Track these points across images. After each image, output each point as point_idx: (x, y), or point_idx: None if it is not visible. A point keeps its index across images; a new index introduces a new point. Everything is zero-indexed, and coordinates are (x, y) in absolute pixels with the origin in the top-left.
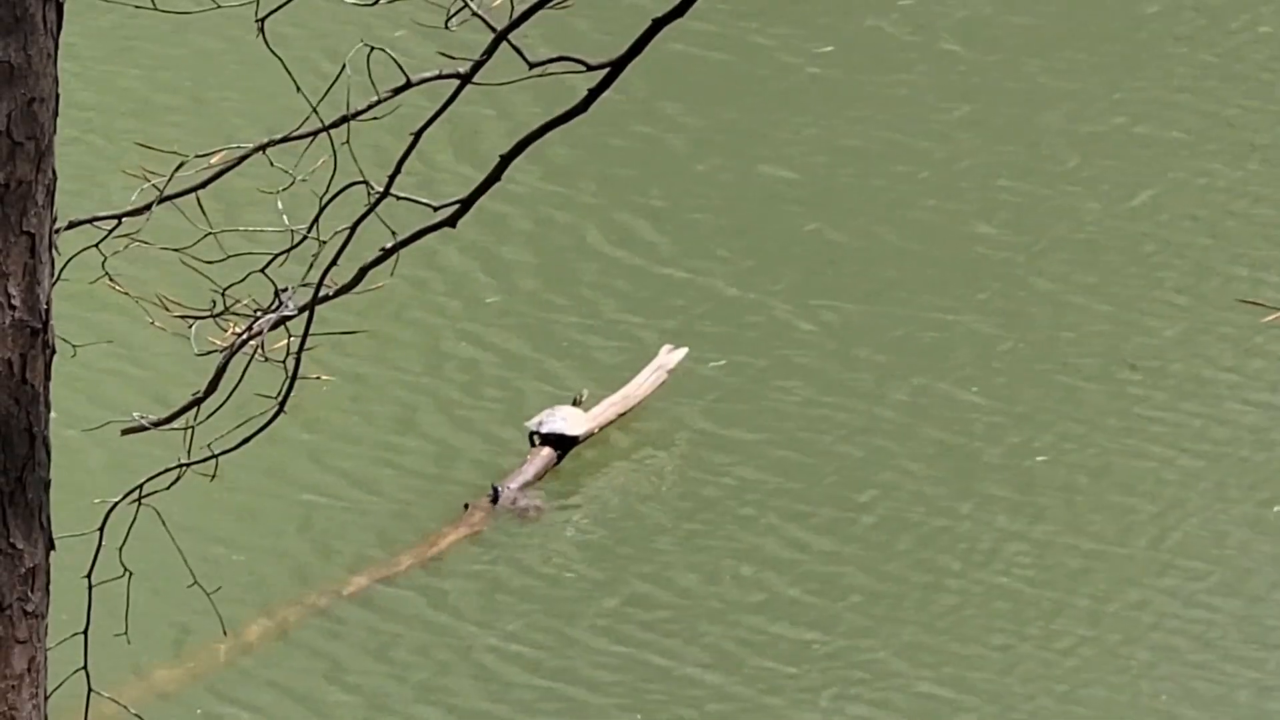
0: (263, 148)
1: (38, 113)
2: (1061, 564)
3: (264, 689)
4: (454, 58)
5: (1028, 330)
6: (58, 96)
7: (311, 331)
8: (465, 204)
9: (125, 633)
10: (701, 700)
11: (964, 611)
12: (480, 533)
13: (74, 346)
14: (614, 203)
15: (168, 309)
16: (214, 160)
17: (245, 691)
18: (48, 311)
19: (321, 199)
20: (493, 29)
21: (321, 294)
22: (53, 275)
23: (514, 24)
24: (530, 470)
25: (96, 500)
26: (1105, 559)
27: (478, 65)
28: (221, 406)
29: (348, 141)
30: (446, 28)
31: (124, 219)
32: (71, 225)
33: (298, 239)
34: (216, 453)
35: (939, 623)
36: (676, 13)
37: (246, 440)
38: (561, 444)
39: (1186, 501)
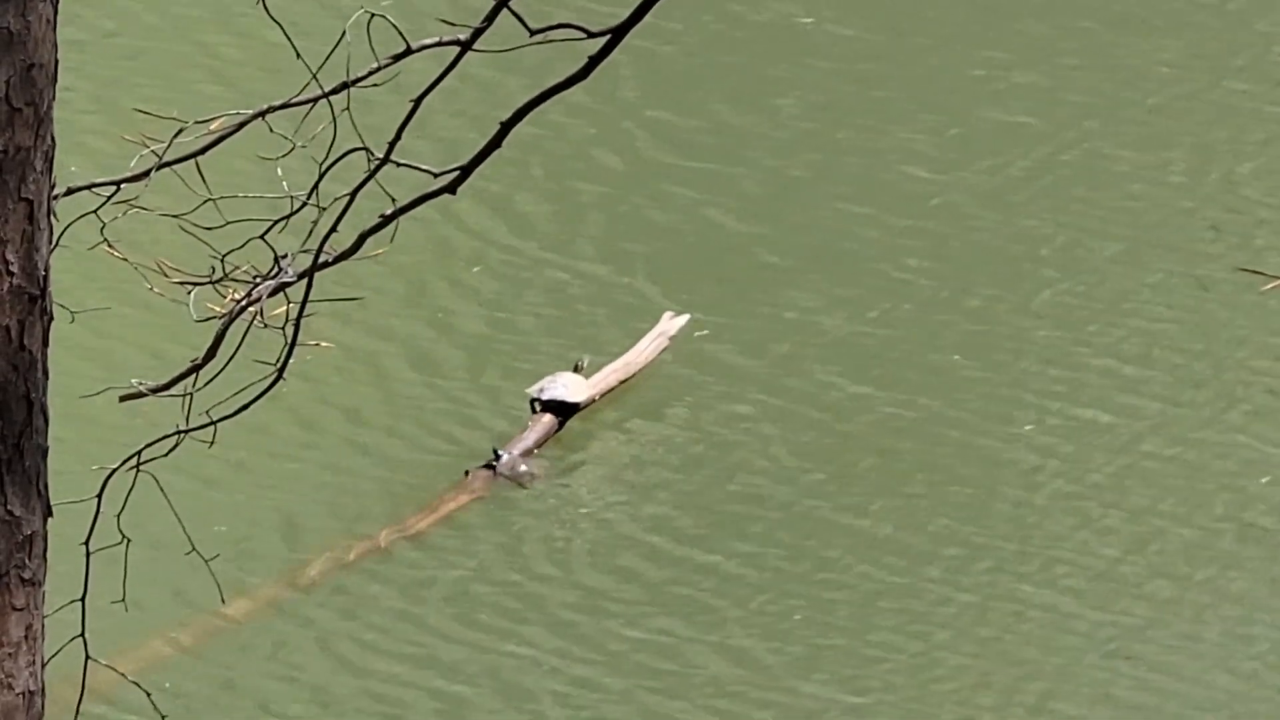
0: (263, 114)
1: (36, 79)
2: (914, 545)
3: (263, 656)
4: (454, 24)
5: (893, 310)
6: (57, 63)
7: (310, 298)
8: (465, 171)
9: (123, 600)
10: (719, 665)
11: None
12: (481, 499)
13: (72, 313)
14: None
15: (166, 275)
16: (213, 126)
17: (244, 659)
18: (46, 278)
19: (321, 165)
20: None
21: (321, 260)
22: (51, 241)
23: None
24: (531, 437)
25: (94, 467)
26: (961, 538)
27: (478, 32)
28: (220, 373)
29: (348, 108)
30: None
31: (123, 185)
32: (70, 191)
33: (297, 205)
34: (215, 419)
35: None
36: None
37: (245, 407)
38: (563, 411)
39: (1044, 477)
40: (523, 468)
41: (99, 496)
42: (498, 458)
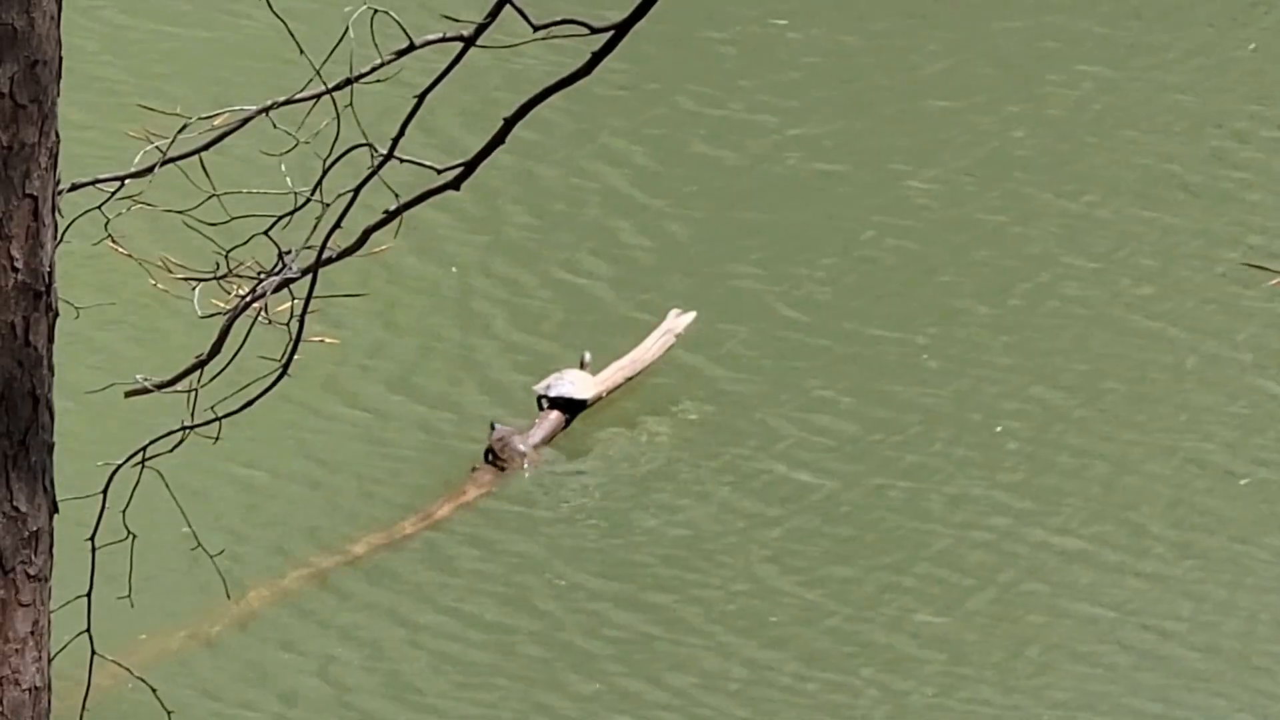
0: (266, 110)
1: (40, 75)
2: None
3: (268, 652)
4: (458, 20)
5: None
6: (60, 59)
7: (315, 294)
8: (469, 167)
9: (129, 596)
10: (723, 667)
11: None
12: (487, 495)
13: (77, 309)
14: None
15: (171, 271)
16: (217, 122)
17: (250, 655)
18: (51, 274)
19: (325, 162)
20: None
21: (325, 256)
22: (56, 238)
23: None
24: (538, 434)
25: (100, 463)
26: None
27: (481, 28)
28: (225, 369)
29: (350, 104)
30: None
31: (127, 181)
32: (74, 187)
33: (301, 202)
34: (220, 415)
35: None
36: None
37: (250, 403)
38: (570, 408)
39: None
40: (516, 440)
41: (104, 492)
42: (493, 429)
